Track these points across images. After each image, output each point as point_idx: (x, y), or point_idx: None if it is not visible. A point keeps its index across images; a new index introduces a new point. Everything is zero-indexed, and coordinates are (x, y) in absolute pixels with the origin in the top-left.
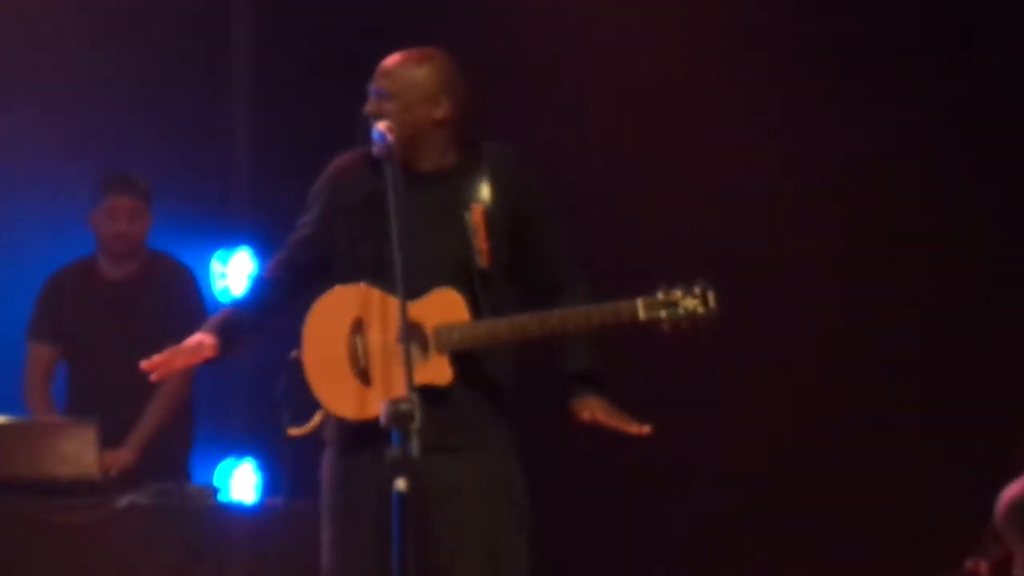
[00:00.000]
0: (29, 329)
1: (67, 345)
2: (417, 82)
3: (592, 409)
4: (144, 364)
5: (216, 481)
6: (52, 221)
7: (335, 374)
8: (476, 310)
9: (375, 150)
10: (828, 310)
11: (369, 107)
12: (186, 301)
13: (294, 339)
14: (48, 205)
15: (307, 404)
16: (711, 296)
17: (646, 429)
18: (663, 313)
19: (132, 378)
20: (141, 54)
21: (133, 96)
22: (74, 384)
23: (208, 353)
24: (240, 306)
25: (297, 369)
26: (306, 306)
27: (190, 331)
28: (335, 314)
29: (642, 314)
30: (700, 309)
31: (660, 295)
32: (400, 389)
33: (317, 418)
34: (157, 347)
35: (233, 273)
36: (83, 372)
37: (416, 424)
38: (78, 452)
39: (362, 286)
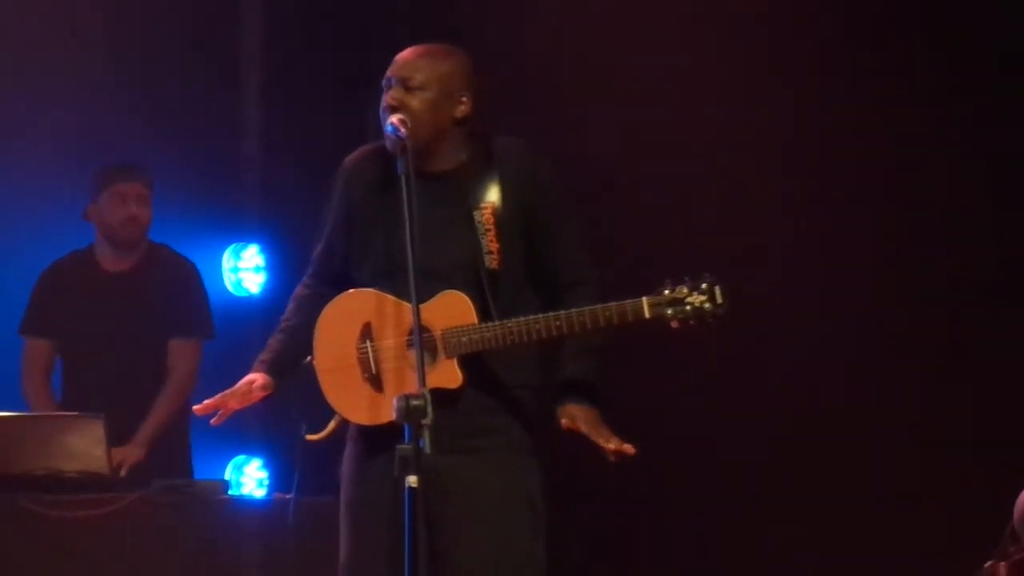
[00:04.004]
0: (25, 324)
1: (64, 339)
2: (444, 76)
3: (574, 418)
4: (197, 409)
5: (226, 477)
6: (53, 215)
7: (347, 380)
8: (486, 312)
9: (388, 144)
10: (836, 306)
11: (391, 98)
12: (187, 294)
13: None
14: (50, 199)
15: (322, 409)
16: (718, 291)
17: (628, 448)
18: (669, 311)
19: (131, 372)
20: (151, 49)
21: (143, 91)
22: (71, 378)
23: (262, 393)
24: (285, 333)
25: (310, 375)
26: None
27: (190, 324)
28: (345, 320)
29: (648, 312)
30: (707, 305)
31: (666, 292)
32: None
33: (332, 424)
34: (157, 341)
35: (244, 268)
36: (81, 366)
37: (428, 419)
38: (86, 447)
39: (370, 291)
